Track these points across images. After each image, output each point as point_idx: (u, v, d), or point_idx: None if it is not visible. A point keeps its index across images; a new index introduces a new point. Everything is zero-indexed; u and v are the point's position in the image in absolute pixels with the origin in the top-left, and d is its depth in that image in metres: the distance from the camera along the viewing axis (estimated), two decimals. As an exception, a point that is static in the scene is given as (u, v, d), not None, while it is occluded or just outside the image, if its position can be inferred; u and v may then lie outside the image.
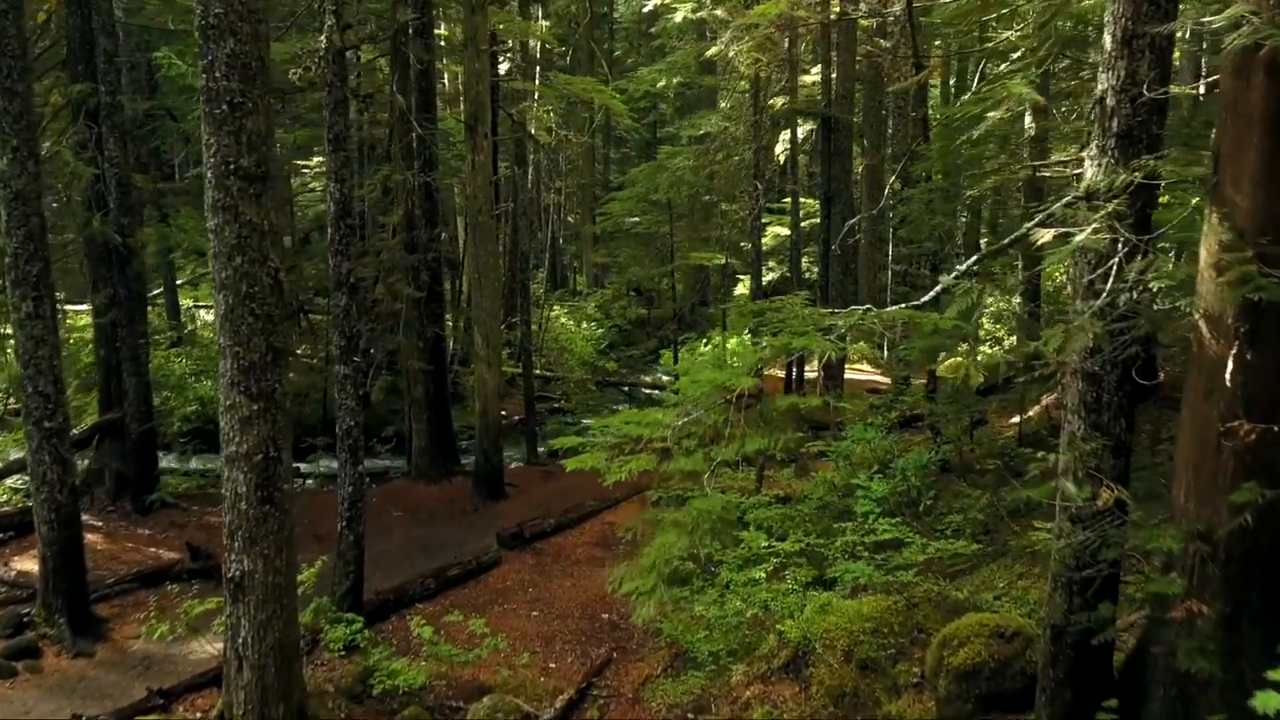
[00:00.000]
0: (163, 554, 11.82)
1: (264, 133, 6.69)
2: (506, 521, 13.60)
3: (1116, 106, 5.18)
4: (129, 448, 12.68)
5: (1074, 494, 4.93)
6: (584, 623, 10.73)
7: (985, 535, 9.57)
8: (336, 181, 9.13)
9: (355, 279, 9.39)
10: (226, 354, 6.82)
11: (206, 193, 6.66)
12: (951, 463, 11.74)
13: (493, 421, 14.73)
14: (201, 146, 6.69)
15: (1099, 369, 5.33)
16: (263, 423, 6.92)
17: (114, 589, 10.38)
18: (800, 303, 5.32)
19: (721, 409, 4.58)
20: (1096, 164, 5.31)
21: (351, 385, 9.29)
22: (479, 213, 14.26)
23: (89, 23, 11.51)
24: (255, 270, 6.72)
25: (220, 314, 6.79)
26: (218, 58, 6.44)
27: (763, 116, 19.96)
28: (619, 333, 28.74)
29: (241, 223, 6.63)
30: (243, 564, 7.06)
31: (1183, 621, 4.54)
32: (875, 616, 8.33)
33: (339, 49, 8.75)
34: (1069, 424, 5.60)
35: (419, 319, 14.63)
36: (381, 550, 12.89)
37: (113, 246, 11.90)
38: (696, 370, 4.92)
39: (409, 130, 13.80)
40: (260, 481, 6.98)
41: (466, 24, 13.95)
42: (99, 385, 13.10)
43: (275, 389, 6.96)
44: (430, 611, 10.69)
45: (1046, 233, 4.81)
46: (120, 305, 12.21)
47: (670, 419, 4.92)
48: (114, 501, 12.80)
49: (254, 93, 6.56)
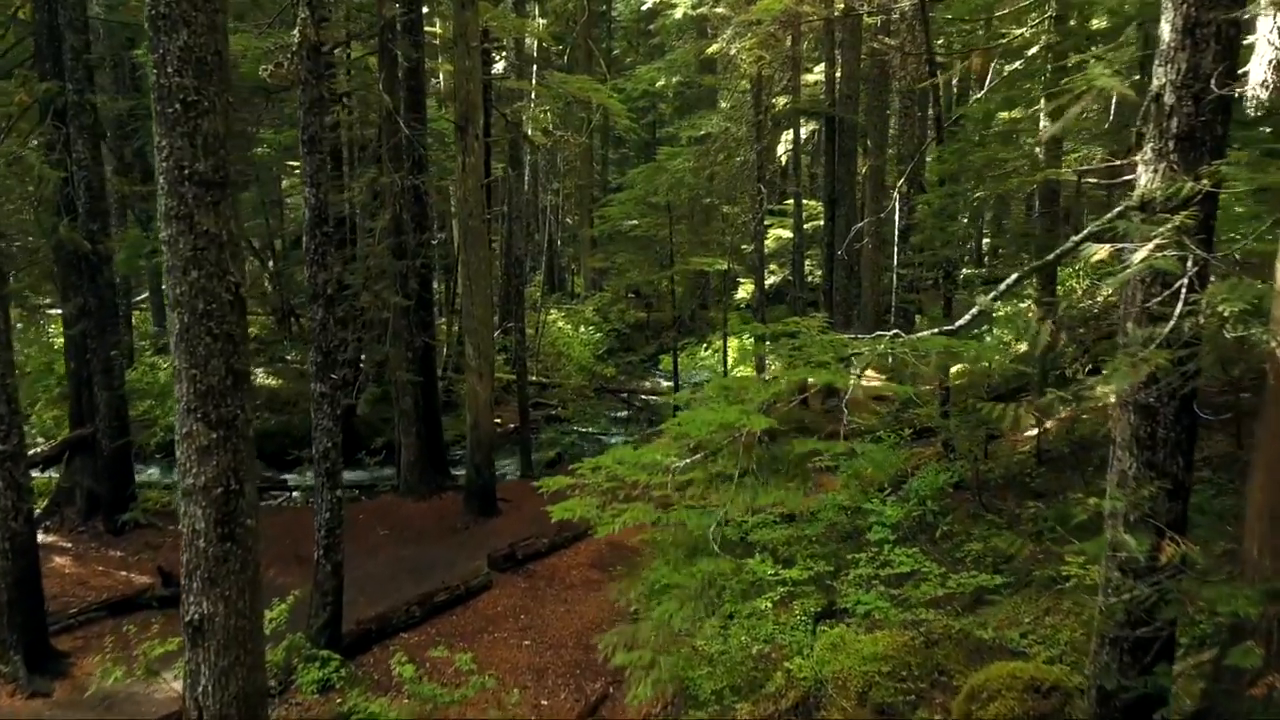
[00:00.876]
0: (134, 578, 11.20)
1: (222, 134, 6.05)
2: (498, 540, 12.99)
3: (1176, 104, 4.58)
4: (101, 464, 12.06)
5: (1132, 546, 4.31)
6: (578, 653, 10.10)
7: (1006, 564, 8.96)
8: (312, 186, 8.51)
9: (333, 290, 8.77)
10: (182, 377, 6.18)
11: (159, 200, 6.04)
12: (966, 480, 11.13)
13: (485, 434, 14.11)
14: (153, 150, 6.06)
15: (1154, 400, 4.73)
16: (223, 452, 6.27)
17: (77, 619, 9.77)
18: (818, 325, 4.71)
19: (729, 454, 3.97)
20: (1152, 169, 4.71)
21: (328, 404, 8.67)
22: (470, 217, 13.64)
23: (56, 17, 10.88)
24: (213, 285, 6.07)
25: (175, 334, 6.15)
26: (169, 51, 5.81)
27: (765, 116, 19.34)
28: (618, 337, 28.14)
29: (197, 233, 5.99)
30: (202, 606, 6.41)
31: (1263, 698, 3.94)
32: (892, 655, 7.73)
33: (313, 44, 8.13)
34: (1119, 461, 4.99)
35: (407, 327, 14.00)
36: (367, 573, 12.28)
37: (82, 254, 11.27)
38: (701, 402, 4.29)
39: (396, 131, 13.18)
40: (220, 517, 6.33)
41: (456, 20, 13.32)
42: (70, 399, 12.46)
43: (237, 415, 6.32)
44: (415, 642, 10.07)
45: (1100, 248, 4.20)
46: (90, 315, 11.58)
47: (670, 458, 4.32)
48: (85, 521, 12.16)
49: (210, 90, 5.93)
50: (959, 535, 9.58)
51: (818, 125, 24.91)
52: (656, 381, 24.97)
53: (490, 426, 14.37)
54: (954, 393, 12.65)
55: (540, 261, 29.97)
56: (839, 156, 20.01)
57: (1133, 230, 4.58)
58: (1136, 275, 4.18)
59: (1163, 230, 3.95)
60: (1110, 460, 5.10)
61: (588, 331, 27.16)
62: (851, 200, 21.25)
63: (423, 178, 14.05)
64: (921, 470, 11.77)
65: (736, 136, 22.06)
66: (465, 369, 14.41)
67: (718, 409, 4.17)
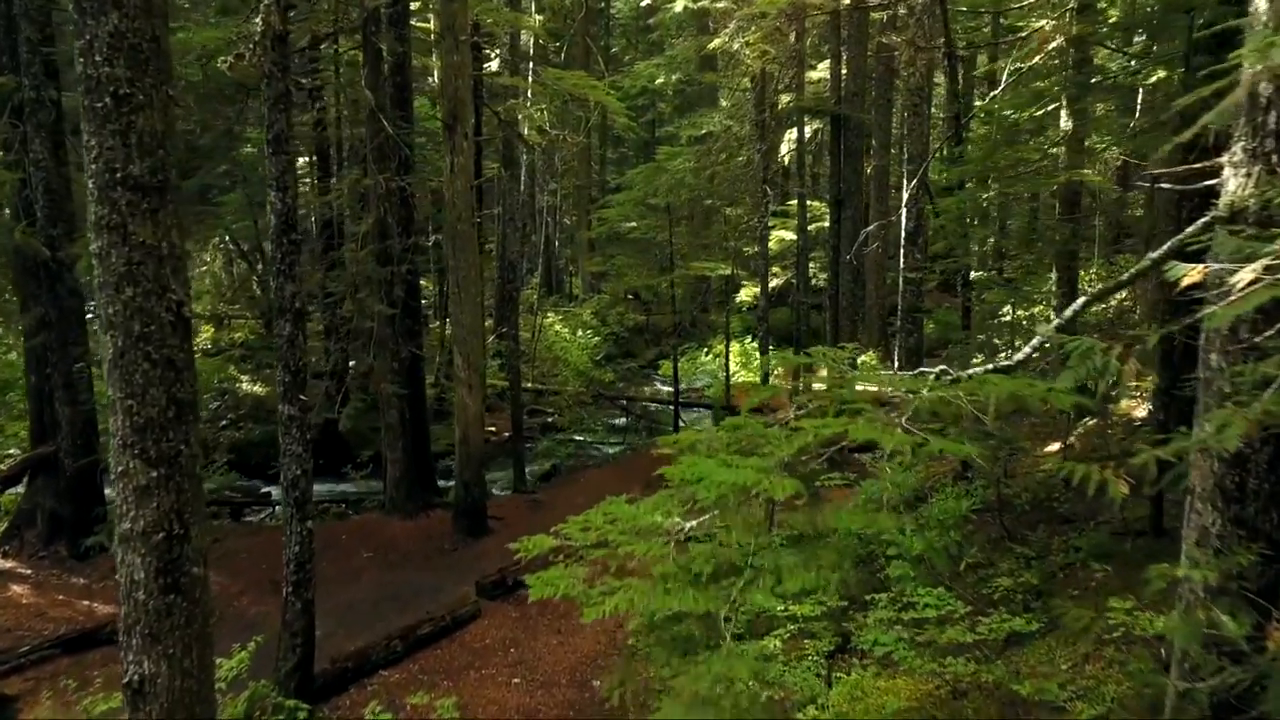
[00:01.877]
0: (96, 608, 10.47)
1: (161, 132, 5.31)
2: (488, 562, 12.25)
3: (1275, 97, 3.85)
4: (64, 485, 11.31)
5: (1232, 629, 3.58)
6: (572, 692, 9.37)
7: (1038, 600, 8.23)
8: (279, 189, 7.77)
9: (302, 303, 8.03)
10: (117, 408, 5.44)
11: (89, 208, 5.30)
12: (988, 502, 10.41)
13: (474, 449, 13.38)
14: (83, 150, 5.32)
15: (1243, 446, 4.00)
16: (164, 493, 5.54)
17: (29, 658, 9.03)
18: (845, 356, 3.97)
19: (744, 524, 3.24)
20: (1244, 173, 3.98)
21: (298, 428, 7.94)
22: (459, 220, 12.90)
23: (11, 6, 10.14)
24: (151, 304, 5.33)
25: (108, 359, 5.42)
26: (97, 37, 5.08)
27: (768, 115, 18.60)
28: (616, 341, 27.42)
29: (132, 245, 5.25)
30: (142, 666, 5.68)
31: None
32: (915, 708, 7.02)
33: (278, 33, 7.39)
34: (1198, 515, 4.26)
35: (393, 337, 13.26)
36: (348, 601, 11.55)
37: (40, 260, 10.53)
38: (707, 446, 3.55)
39: (381, 130, 12.44)
40: (162, 566, 5.60)
41: (443, 12, 12.58)
42: (30, 415, 11.71)
43: (180, 451, 5.58)
44: (395, 681, 9.34)
45: (1190, 269, 3.47)
46: (51, 327, 10.83)
47: (674, 518, 3.60)
48: (47, 546, 11.41)
49: (146, 82, 5.18)
50: (984, 567, 8.85)
51: (822, 124, 24.18)
52: (656, 388, 24.24)
53: (480, 441, 13.63)
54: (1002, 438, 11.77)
55: (537, 263, 29.24)
56: (845, 156, 19.27)
57: (1221, 245, 3.85)
58: (1238, 302, 3.44)
59: (1276, 248, 3.22)
60: (1186, 514, 4.37)
61: (585, 336, 26.43)
62: (858, 201, 20.54)
63: (409, 179, 13.31)
64: (940, 491, 11.05)
65: (738, 135, 21.35)
66: (454, 381, 13.67)
67: (730, 465, 3.44)
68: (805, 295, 19.08)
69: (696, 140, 22.34)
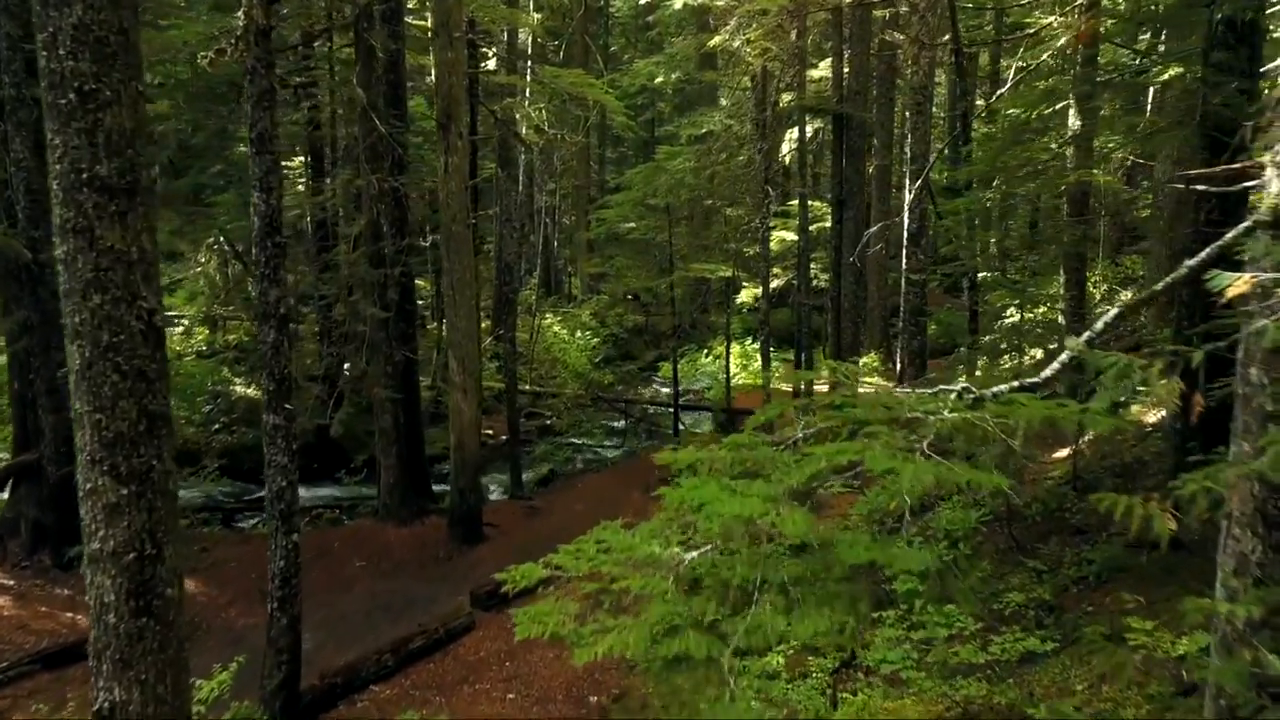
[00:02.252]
0: (80, 620, 10.16)
1: (131, 131, 5.02)
2: (483, 571, 11.96)
3: (1323, 91, 3.57)
4: (47, 493, 11.02)
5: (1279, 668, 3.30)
6: (568, 708, 9.08)
7: (1050, 615, 7.94)
8: (263, 190, 7.48)
9: (286, 309, 7.74)
10: (85, 422, 5.15)
11: (54, 210, 5.01)
12: (997, 512, 10.11)
13: (470, 455, 13.08)
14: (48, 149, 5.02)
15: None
16: (135, 511, 5.25)
17: (7, 674, 8.74)
18: (858, 371, 3.67)
19: (748, 560, 2.96)
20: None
21: (283, 438, 7.64)
22: (453, 221, 12.61)
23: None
24: (120, 313, 5.04)
25: (75, 370, 5.13)
26: (60, 29, 4.79)
27: (769, 114, 18.31)
28: (615, 343, 27.12)
29: (99, 250, 4.96)
30: (113, 693, 5.39)
31: None
32: (925, 731, 6.73)
33: (261, 28, 7.10)
34: (1236, 541, 3.98)
35: (386, 340, 12.97)
36: (339, 611, 11.28)
37: (22, 263, 10.24)
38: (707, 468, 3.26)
39: (373, 129, 12.14)
40: (134, 588, 5.31)
41: (437, 8, 12.29)
42: (14, 421, 11.41)
43: (152, 467, 5.29)
44: (386, 697, 9.06)
45: (1237, 279, 3.18)
46: (33, 331, 10.54)
47: (669, 551, 3.32)
48: (30, 555, 11.12)
49: (113, 77, 4.90)
50: (994, 580, 8.56)
51: (823, 123, 23.90)
52: (656, 390, 23.95)
53: (476, 447, 13.34)
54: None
55: (536, 264, 28.95)
56: (847, 155, 18.98)
57: (1259, 250, 3.57)
58: None
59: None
60: (1222, 540, 4.08)
61: (584, 337, 26.14)
62: (860, 201, 20.24)
63: (403, 179, 13.02)
64: (946, 500, 10.75)
65: (739, 135, 21.07)
66: (449, 385, 13.38)
67: (734, 491, 3.15)
68: (807, 296, 18.78)
69: (696, 140, 22.05)
